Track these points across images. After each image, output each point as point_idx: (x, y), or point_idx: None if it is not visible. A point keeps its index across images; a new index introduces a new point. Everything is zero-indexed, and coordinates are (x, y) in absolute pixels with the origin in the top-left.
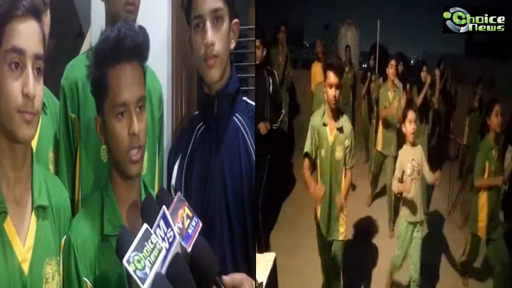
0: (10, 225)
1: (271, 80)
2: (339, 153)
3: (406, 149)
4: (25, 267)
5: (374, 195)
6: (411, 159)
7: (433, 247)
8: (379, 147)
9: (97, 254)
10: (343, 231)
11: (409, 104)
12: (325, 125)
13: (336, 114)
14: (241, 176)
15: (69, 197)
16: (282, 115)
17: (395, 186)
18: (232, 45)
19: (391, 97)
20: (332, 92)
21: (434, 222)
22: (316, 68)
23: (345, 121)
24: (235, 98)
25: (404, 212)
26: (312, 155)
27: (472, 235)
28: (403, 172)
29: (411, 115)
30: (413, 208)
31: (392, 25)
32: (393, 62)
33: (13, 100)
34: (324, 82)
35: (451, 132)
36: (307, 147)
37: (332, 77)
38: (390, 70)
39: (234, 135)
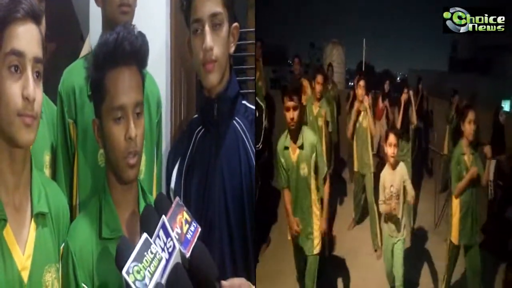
0: (9, 232)
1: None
2: (304, 170)
3: (387, 172)
4: (25, 276)
5: (356, 220)
6: (389, 185)
7: (417, 260)
8: (355, 167)
9: (95, 260)
10: (317, 244)
11: (391, 126)
12: (286, 148)
13: (296, 134)
14: (241, 180)
15: (67, 203)
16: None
17: (382, 208)
18: (232, 49)
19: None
20: (289, 115)
21: (420, 235)
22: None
23: (305, 135)
24: (235, 101)
25: (388, 227)
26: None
27: (449, 242)
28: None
29: (392, 138)
30: (396, 226)
31: (378, 43)
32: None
33: (12, 103)
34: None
35: (433, 145)
36: (282, 181)
37: (287, 100)
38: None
39: (233, 139)
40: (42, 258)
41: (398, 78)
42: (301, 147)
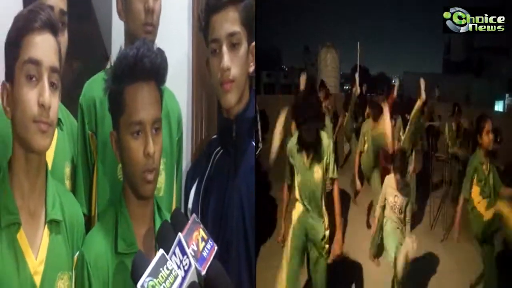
0: (23, 236)
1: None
2: (317, 173)
3: (394, 187)
4: (37, 280)
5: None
6: (394, 195)
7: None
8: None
9: (110, 272)
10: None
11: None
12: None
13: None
14: None
15: (84, 213)
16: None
17: (377, 213)
18: (251, 69)
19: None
20: None
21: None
22: None
23: (322, 137)
24: (253, 122)
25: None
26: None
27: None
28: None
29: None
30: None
31: (373, 46)
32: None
33: (28, 110)
34: None
35: (433, 149)
36: (287, 177)
37: None
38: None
39: (252, 159)
40: (55, 265)
41: (393, 81)
42: (315, 150)
